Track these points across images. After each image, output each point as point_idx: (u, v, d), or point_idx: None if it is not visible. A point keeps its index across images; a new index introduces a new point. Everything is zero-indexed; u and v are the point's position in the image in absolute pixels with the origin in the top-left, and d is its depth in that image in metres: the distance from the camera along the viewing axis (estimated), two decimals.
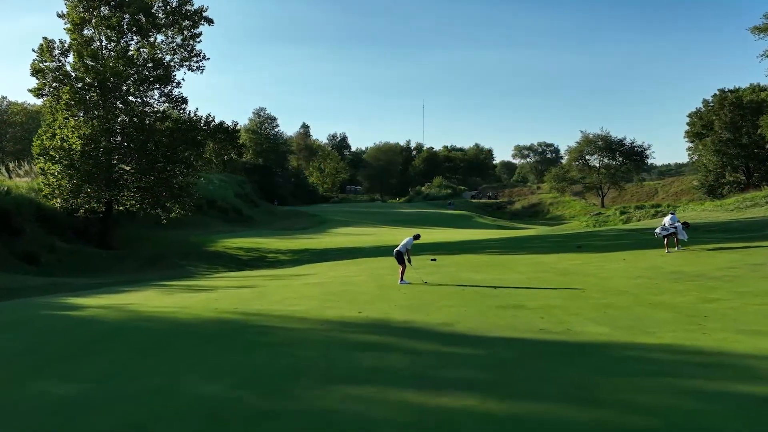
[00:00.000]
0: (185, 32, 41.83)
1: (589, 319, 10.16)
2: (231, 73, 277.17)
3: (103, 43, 39.96)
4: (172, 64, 41.93)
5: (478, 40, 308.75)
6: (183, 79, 44.40)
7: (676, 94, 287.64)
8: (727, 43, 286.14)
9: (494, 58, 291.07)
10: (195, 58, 42.51)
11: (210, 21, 42.15)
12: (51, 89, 38.11)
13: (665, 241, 20.63)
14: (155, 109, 41.35)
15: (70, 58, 38.40)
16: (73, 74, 38.18)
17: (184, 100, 42.33)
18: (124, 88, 39.50)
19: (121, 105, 39.89)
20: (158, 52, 41.46)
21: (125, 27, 39.48)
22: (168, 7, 40.62)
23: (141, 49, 41.07)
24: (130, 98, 40.40)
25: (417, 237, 16.36)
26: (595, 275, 16.28)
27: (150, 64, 40.42)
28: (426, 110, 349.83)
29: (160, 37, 41.75)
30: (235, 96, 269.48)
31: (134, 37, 40.83)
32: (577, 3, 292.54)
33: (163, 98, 41.76)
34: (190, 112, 42.42)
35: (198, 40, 42.42)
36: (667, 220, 21.01)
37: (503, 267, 19.38)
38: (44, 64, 37.87)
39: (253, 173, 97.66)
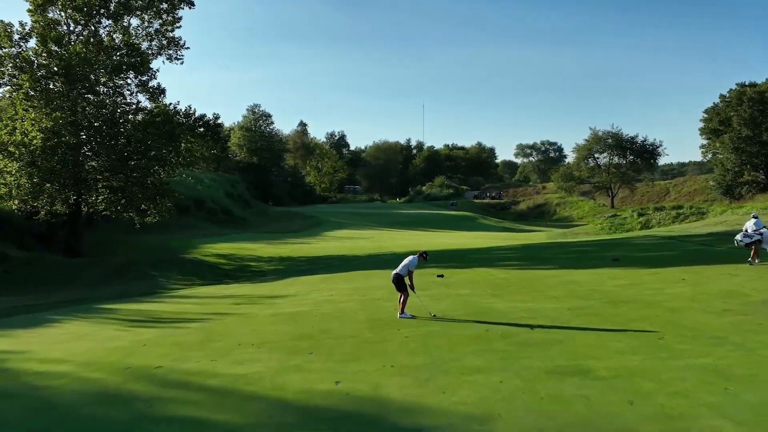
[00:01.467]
0: (164, 16, 37.84)
1: (714, 408, 6.12)
2: (229, 72, 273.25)
3: (71, 27, 35.98)
4: (149, 51, 37.99)
5: (479, 37, 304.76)
6: (158, 70, 40.15)
7: (678, 92, 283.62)
8: (727, 42, 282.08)
9: (496, 55, 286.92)
10: (174, 47, 38.54)
11: (190, 3, 38.16)
12: (10, 77, 34.08)
13: (753, 252, 16.57)
14: (128, 101, 37.39)
15: (32, 43, 34.42)
16: (34, 61, 34.14)
17: (162, 92, 38.36)
18: (93, 77, 35.46)
19: (90, 96, 35.84)
20: (133, 37, 37.47)
21: (93, 9, 35.41)
22: None
23: (113, 35, 37.10)
24: (101, 88, 36.41)
25: (424, 256, 12.21)
26: (659, 305, 12.24)
27: (124, 50, 36.40)
28: (427, 108, 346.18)
29: (134, 22, 37.79)
30: (233, 95, 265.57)
31: (105, 21, 36.83)
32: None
33: (138, 89, 37.82)
34: (171, 105, 38.45)
35: (177, 25, 38.48)
36: (749, 224, 16.90)
37: (530, 289, 15.33)
38: (2, 50, 33.83)
39: (247, 172, 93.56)
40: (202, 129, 38.57)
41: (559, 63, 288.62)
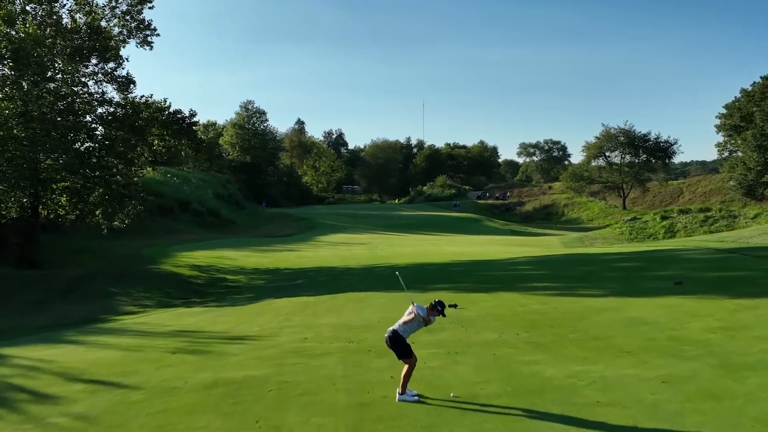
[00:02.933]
0: None
1: None
2: (228, 71, 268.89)
3: (24, 6, 31.56)
4: (119, 36, 33.62)
5: (479, 36, 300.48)
6: (128, 58, 35.73)
7: (679, 92, 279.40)
8: (730, 40, 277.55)
9: (497, 53, 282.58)
10: (144, 31, 34.15)
11: None
12: None
13: None
14: (92, 91, 33.01)
15: None
16: None
17: (132, 81, 33.99)
18: (49, 62, 31.06)
19: (46, 84, 31.40)
20: (100, 18, 33.05)
21: None
22: None
23: (76, 15, 32.71)
24: (59, 75, 32.03)
25: (439, 309, 7.65)
26: None
27: (85, 32, 31.96)
28: (427, 107, 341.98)
29: (99, 1, 33.37)
30: (232, 95, 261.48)
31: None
32: None
33: (104, 78, 33.45)
34: (142, 97, 34.09)
35: (149, 6, 34.08)
36: None
37: (584, 333, 10.87)
38: None
39: (239, 172, 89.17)
40: (176, 126, 34.18)
41: (562, 61, 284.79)
